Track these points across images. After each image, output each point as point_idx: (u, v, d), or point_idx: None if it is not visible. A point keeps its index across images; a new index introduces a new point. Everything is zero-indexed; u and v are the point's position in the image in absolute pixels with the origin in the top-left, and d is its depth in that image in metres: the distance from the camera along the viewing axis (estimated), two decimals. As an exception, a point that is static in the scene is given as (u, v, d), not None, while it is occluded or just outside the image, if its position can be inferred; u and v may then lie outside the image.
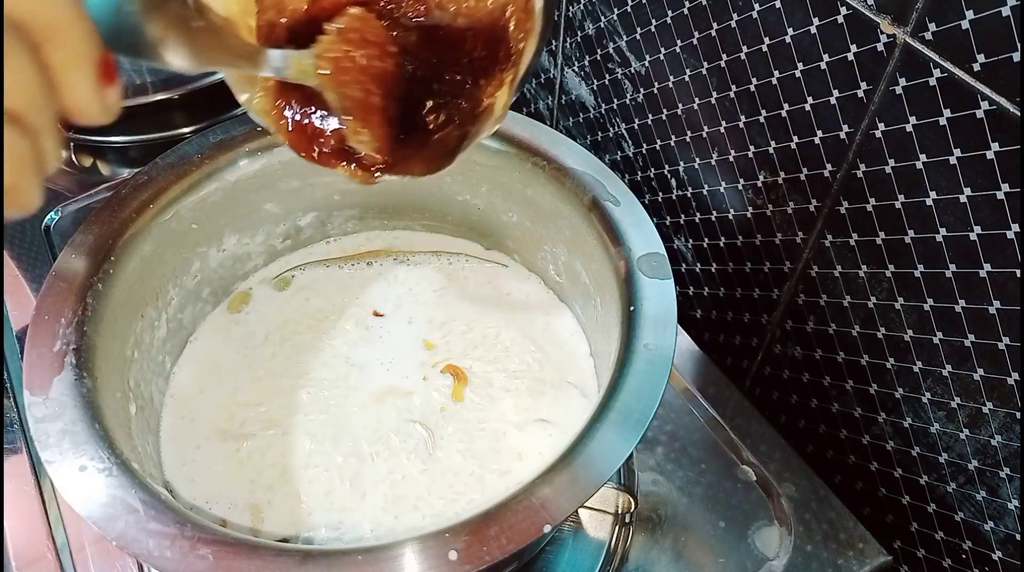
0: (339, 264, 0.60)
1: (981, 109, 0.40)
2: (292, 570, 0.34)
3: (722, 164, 0.58)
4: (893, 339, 0.51)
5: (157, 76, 0.75)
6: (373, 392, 0.52)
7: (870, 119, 0.46)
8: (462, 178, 0.56)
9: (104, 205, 0.49)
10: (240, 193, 0.54)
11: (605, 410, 0.39)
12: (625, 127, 0.66)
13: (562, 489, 0.37)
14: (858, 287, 0.51)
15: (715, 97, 0.56)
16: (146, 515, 0.36)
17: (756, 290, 0.60)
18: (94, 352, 0.43)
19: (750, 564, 0.51)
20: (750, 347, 0.63)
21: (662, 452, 0.56)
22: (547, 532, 0.36)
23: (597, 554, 0.51)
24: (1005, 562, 0.49)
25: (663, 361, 0.41)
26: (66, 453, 0.38)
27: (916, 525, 0.54)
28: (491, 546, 0.35)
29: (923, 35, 0.41)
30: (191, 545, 0.35)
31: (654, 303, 0.44)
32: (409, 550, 0.35)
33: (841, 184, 0.49)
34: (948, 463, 0.50)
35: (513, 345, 0.55)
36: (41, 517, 0.52)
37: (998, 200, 0.41)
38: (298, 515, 0.46)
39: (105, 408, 0.41)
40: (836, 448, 0.59)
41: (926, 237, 0.45)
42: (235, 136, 0.53)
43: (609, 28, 0.62)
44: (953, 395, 0.48)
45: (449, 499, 0.47)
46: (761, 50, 0.50)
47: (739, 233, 0.59)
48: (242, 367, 0.54)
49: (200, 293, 0.55)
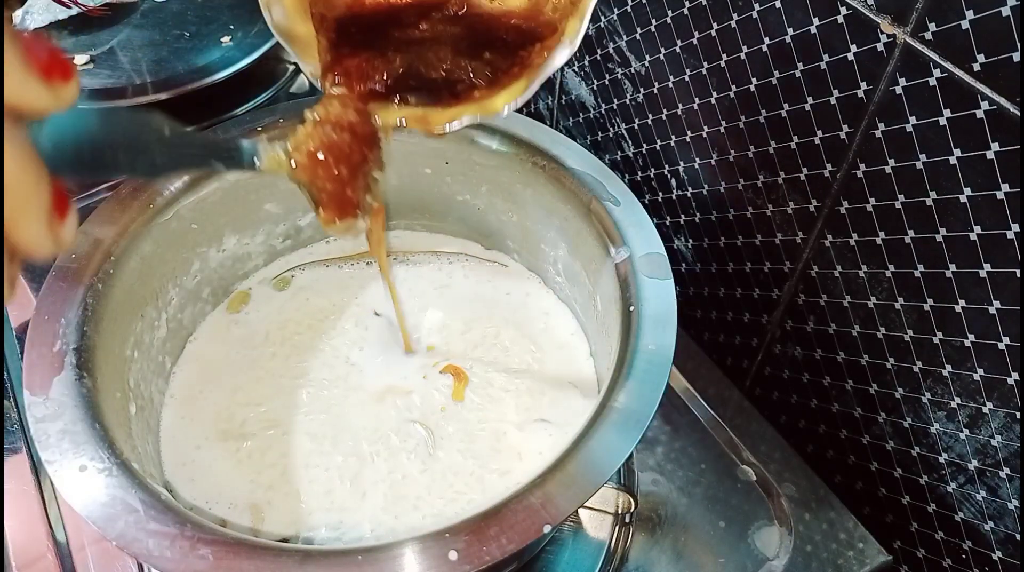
0: (339, 264, 0.60)
1: (981, 109, 0.40)
2: (292, 570, 0.34)
3: (722, 164, 0.58)
4: (893, 339, 0.51)
5: (157, 76, 0.75)
6: (373, 392, 0.52)
7: (870, 119, 0.46)
8: (462, 178, 0.56)
9: (104, 205, 0.49)
10: (240, 193, 0.54)
11: (605, 410, 0.39)
12: (625, 127, 0.66)
13: (562, 489, 0.37)
14: (858, 287, 0.51)
15: (715, 97, 0.56)
16: (146, 515, 0.36)
17: (756, 290, 0.60)
18: (94, 352, 0.43)
19: (750, 564, 0.51)
20: (750, 347, 0.63)
21: (662, 452, 0.56)
22: (547, 532, 0.36)
23: (597, 554, 0.51)
24: (1005, 562, 0.49)
25: (663, 361, 0.41)
26: (66, 453, 0.38)
27: (916, 525, 0.54)
28: (491, 546, 0.35)
29: (923, 35, 0.41)
30: (191, 545, 0.35)
31: (654, 303, 0.44)
32: (409, 550, 0.35)
33: (841, 184, 0.49)
34: (948, 463, 0.50)
35: (513, 345, 0.55)
36: (41, 517, 0.52)
37: (998, 200, 0.41)
38: (298, 515, 0.46)
39: (105, 408, 0.41)
40: (836, 448, 0.59)
41: (926, 237, 0.45)
42: (235, 136, 0.53)
43: (609, 28, 0.62)
44: (953, 395, 0.48)
45: (449, 499, 0.47)
46: (761, 50, 0.50)
47: (739, 233, 0.59)
48: (242, 367, 0.54)
49: (200, 293, 0.55)
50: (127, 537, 0.36)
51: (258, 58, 0.77)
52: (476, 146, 0.54)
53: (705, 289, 0.65)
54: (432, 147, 0.55)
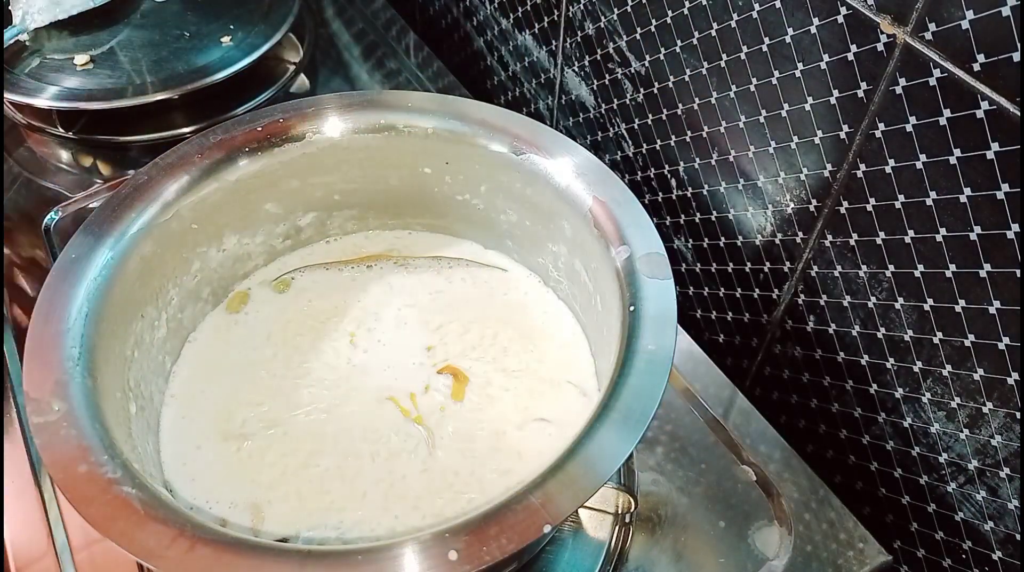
0: (339, 267, 0.60)
1: (981, 109, 0.40)
2: (292, 570, 0.34)
3: (722, 164, 0.58)
4: (893, 339, 0.51)
5: (157, 76, 0.75)
6: (373, 392, 0.52)
7: (870, 119, 0.46)
8: (462, 178, 0.56)
9: (104, 205, 0.49)
10: (240, 193, 0.54)
11: (605, 410, 0.39)
12: (625, 127, 0.66)
13: (562, 489, 0.37)
14: (858, 287, 0.51)
15: (715, 97, 0.56)
16: (146, 515, 0.36)
17: (756, 290, 0.60)
18: (94, 352, 0.43)
19: (750, 564, 0.51)
20: (750, 347, 0.63)
21: (662, 452, 0.56)
22: (547, 532, 0.36)
23: (597, 554, 0.50)
24: (1005, 562, 0.49)
25: (663, 361, 0.41)
26: (66, 453, 0.38)
27: (916, 525, 0.54)
28: (491, 546, 0.35)
29: (923, 35, 0.41)
30: (190, 545, 0.35)
31: (654, 303, 0.44)
32: (409, 550, 0.35)
33: (841, 184, 0.49)
34: (948, 463, 0.50)
35: (512, 345, 0.55)
36: (41, 517, 0.52)
37: (998, 200, 0.41)
38: (298, 515, 0.46)
39: (105, 408, 0.41)
40: (836, 448, 0.59)
41: (926, 237, 0.45)
42: (235, 136, 0.53)
43: (609, 28, 0.62)
44: (953, 395, 0.48)
45: (449, 499, 0.47)
46: (761, 50, 0.50)
47: (739, 233, 0.59)
48: (242, 367, 0.54)
49: (200, 293, 0.55)
50: (127, 537, 0.36)
51: (258, 58, 0.77)
52: (476, 146, 0.54)
53: (705, 289, 0.65)
54: (432, 147, 0.55)
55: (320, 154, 0.55)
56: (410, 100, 0.55)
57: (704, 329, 0.68)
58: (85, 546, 0.51)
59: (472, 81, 0.87)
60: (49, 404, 0.40)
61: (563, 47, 0.70)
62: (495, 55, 0.81)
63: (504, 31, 0.78)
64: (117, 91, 0.73)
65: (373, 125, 0.54)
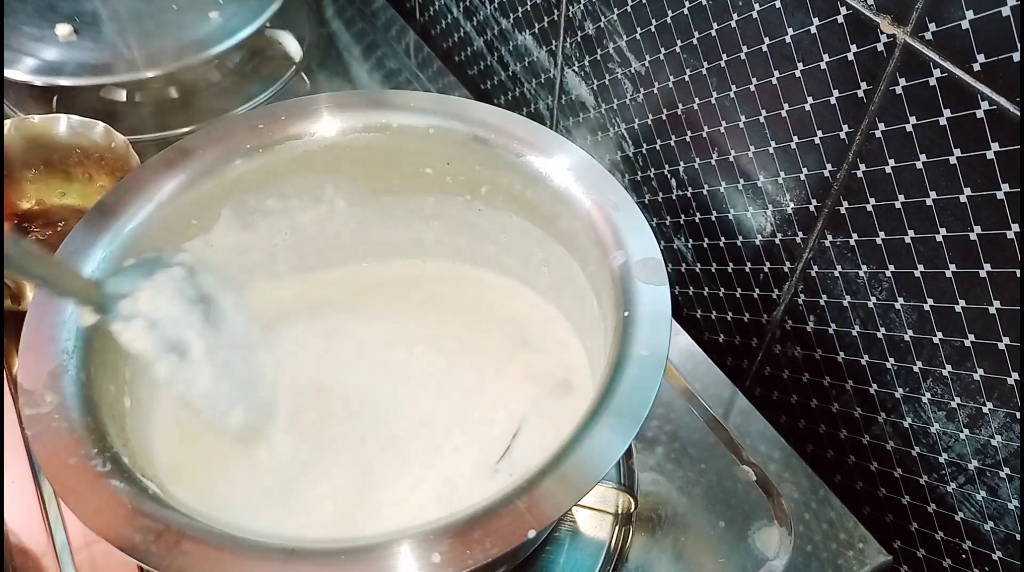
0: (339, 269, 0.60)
1: (981, 109, 0.40)
2: (276, 568, 0.34)
3: (722, 164, 0.58)
4: (893, 339, 0.50)
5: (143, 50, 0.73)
6: (372, 393, 0.52)
7: (870, 119, 0.46)
8: (463, 178, 0.56)
9: (103, 202, 0.49)
10: (240, 191, 0.54)
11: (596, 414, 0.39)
12: (625, 127, 0.66)
13: (550, 493, 0.36)
14: (858, 287, 0.51)
15: (715, 97, 0.56)
16: (133, 509, 0.36)
17: (756, 290, 0.60)
18: (90, 347, 0.43)
19: (750, 564, 0.51)
20: (750, 347, 0.63)
21: (662, 452, 0.56)
22: (532, 537, 0.35)
23: (597, 554, 0.50)
24: (1005, 562, 0.49)
25: (656, 366, 0.41)
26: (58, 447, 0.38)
27: (916, 525, 0.54)
28: (474, 550, 0.34)
29: (923, 35, 0.41)
30: (176, 540, 0.35)
31: (649, 309, 0.44)
32: (392, 551, 0.35)
33: (841, 184, 0.49)
34: (948, 463, 0.50)
35: (507, 346, 0.55)
36: (41, 517, 0.52)
37: (998, 200, 0.41)
38: (291, 513, 0.46)
39: (99, 401, 0.41)
40: (836, 448, 0.59)
41: (926, 237, 0.45)
42: (235, 135, 0.53)
43: (609, 28, 0.62)
44: (953, 395, 0.48)
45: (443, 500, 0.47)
46: (761, 50, 0.50)
47: (739, 233, 0.59)
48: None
49: (200, 292, 0.55)
50: (114, 532, 0.35)
51: (249, 35, 0.75)
52: (477, 147, 0.54)
53: (705, 289, 0.65)
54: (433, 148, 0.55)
55: (320, 153, 0.55)
56: (410, 100, 0.55)
57: (704, 329, 0.68)
58: (85, 546, 0.51)
59: (472, 81, 0.87)
60: (42, 396, 0.40)
61: (563, 47, 0.70)
62: (495, 55, 0.81)
63: (504, 31, 0.78)
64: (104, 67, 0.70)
65: (373, 125, 0.54)
